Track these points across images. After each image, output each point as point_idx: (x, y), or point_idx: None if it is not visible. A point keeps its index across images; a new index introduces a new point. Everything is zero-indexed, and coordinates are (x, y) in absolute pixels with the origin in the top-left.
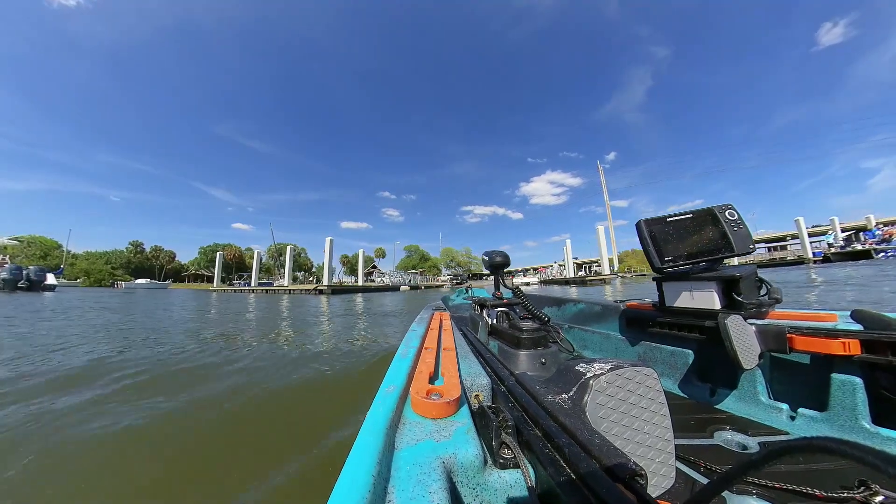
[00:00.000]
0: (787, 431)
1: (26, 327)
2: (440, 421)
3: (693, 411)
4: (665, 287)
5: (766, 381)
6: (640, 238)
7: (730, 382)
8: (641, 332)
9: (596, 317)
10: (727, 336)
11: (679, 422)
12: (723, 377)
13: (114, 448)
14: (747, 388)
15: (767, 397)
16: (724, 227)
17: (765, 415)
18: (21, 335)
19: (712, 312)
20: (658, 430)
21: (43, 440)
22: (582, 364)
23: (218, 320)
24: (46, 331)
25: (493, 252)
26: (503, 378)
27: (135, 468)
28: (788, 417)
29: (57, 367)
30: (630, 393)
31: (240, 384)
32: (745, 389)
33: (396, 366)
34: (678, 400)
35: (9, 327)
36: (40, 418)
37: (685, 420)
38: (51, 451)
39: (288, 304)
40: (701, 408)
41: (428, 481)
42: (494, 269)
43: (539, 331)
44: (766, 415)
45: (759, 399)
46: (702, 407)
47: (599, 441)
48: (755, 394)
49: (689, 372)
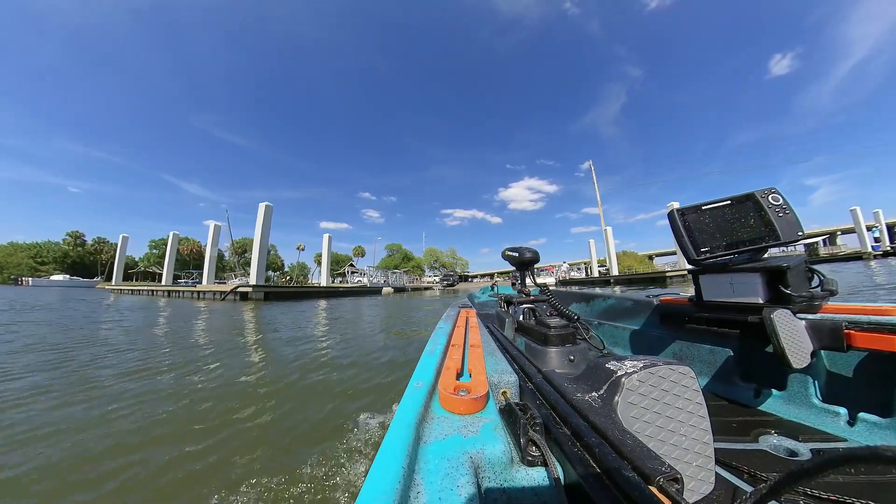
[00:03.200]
0: (845, 438)
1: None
2: (467, 417)
3: (735, 413)
4: (702, 280)
5: (819, 381)
6: (673, 228)
7: (777, 383)
8: (677, 328)
9: (627, 312)
10: (773, 332)
11: (719, 424)
12: (768, 377)
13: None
14: (797, 389)
15: (821, 400)
16: (767, 213)
17: (818, 419)
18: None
19: (756, 307)
20: (696, 433)
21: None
22: (612, 361)
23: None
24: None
25: (522, 248)
26: (530, 375)
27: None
28: (846, 423)
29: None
30: (664, 392)
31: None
32: (794, 391)
33: (425, 362)
34: (718, 401)
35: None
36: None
37: (726, 423)
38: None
39: (146, 316)
40: (744, 410)
41: (456, 475)
42: (523, 266)
43: (567, 327)
44: (819, 419)
45: (812, 402)
46: (745, 409)
47: (631, 442)
48: (806, 396)
49: (729, 371)
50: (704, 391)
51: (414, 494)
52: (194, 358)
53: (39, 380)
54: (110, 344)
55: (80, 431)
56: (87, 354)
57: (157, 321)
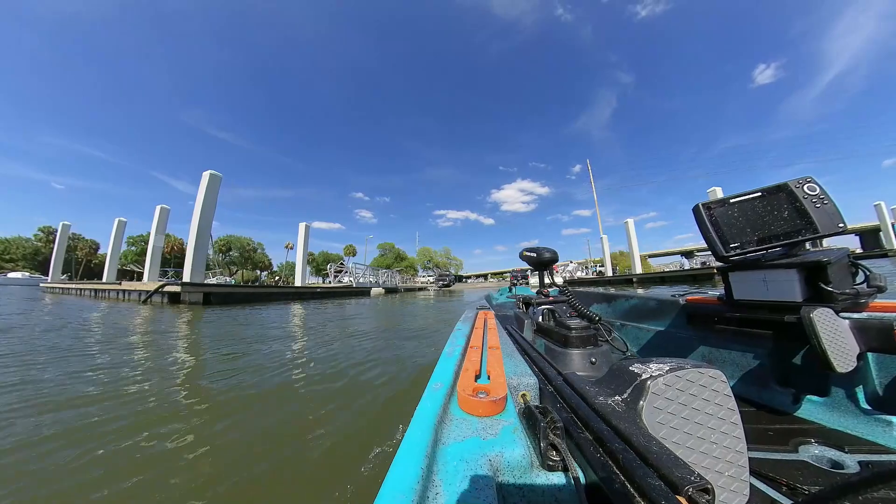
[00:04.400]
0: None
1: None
2: (486, 419)
3: (771, 421)
4: (732, 278)
5: (866, 387)
6: (699, 223)
7: (818, 388)
8: (706, 329)
9: (652, 313)
10: (813, 333)
11: (754, 432)
12: (808, 382)
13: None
14: (841, 395)
15: (869, 407)
16: (802, 204)
17: (865, 428)
18: None
19: (793, 305)
20: (727, 441)
21: None
22: (637, 364)
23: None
24: None
25: (541, 248)
26: (550, 378)
27: None
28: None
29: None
30: (693, 397)
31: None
32: (838, 397)
33: (443, 364)
34: (753, 407)
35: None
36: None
37: (762, 431)
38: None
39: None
40: (781, 417)
41: (475, 477)
42: (542, 266)
43: (588, 328)
44: (867, 428)
45: (858, 409)
46: (782, 416)
47: (657, 448)
48: (852, 402)
49: (764, 375)
50: (737, 396)
51: (432, 495)
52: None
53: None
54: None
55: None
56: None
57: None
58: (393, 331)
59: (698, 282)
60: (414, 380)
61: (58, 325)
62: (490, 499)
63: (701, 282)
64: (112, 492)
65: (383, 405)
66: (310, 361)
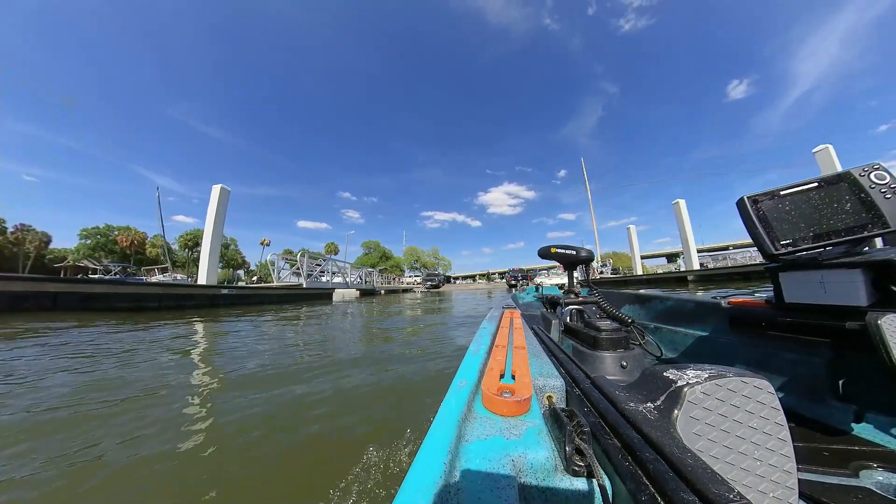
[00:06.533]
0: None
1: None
2: (510, 419)
3: (826, 440)
4: (783, 279)
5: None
6: (744, 218)
7: (885, 405)
8: (751, 334)
9: (689, 315)
10: (881, 341)
11: (805, 451)
12: (873, 398)
13: None
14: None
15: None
16: (868, 195)
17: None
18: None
19: (856, 310)
20: (774, 458)
21: None
22: (672, 370)
23: None
24: None
25: (578, 246)
26: (578, 380)
27: None
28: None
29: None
30: (735, 408)
31: None
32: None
33: (468, 362)
34: (804, 423)
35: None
36: None
37: (815, 450)
38: None
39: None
40: (838, 437)
41: (496, 476)
42: (573, 266)
43: (619, 330)
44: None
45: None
46: (839, 435)
47: (692, 461)
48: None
49: (819, 388)
50: (786, 410)
51: (454, 491)
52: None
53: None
54: None
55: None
56: None
57: None
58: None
59: (750, 280)
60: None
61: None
62: (511, 499)
63: (756, 281)
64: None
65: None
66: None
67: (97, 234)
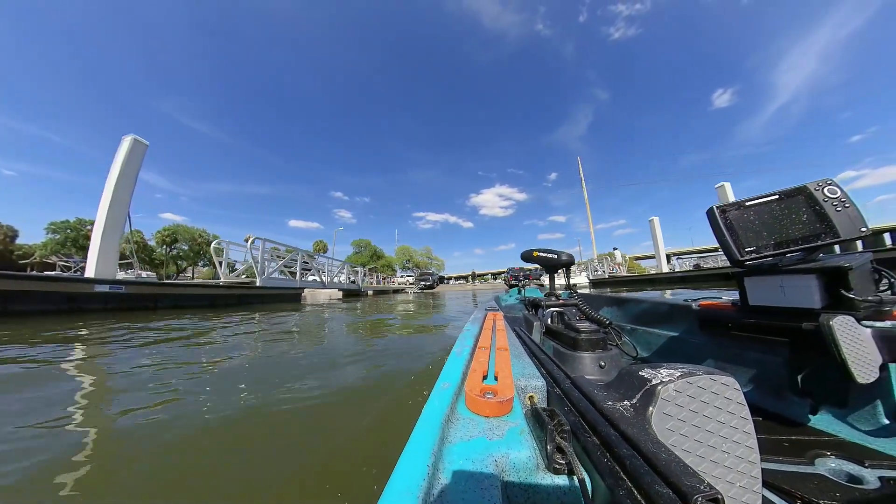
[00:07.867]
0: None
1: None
2: (493, 420)
3: (786, 431)
4: (748, 283)
5: (889, 399)
6: (713, 226)
7: (837, 399)
8: (719, 335)
9: (663, 317)
10: (833, 342)
11: (768, 443)
12: (827, 392)
13: None
14: (862, 406)
15: (890, 420)
16: (822, 208)
17: (887, 442)
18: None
19: (811, 312)
20: (739, 450)
21: None
22: (647, 369)
23: None
24: None
25: (558, 250)
26: (559, 380)
27: None
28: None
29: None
30: (705, 404)
31: None
32: (858, 409)
33: (452, 363)
34: (767, 417)
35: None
36: None
37: (776, 441)
38: None
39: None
40: (796, 428)
41: (480, 476)
42: (555, 269)
43: (598, 332)
44: (888, 442)
45: (880, 422)
46: (797, 427)
47: (666, 456)
48: (873, 415)
49: (779, 384)
50: (750, 405)
51: (438, 493)
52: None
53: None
54: None
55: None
56: None
57: None
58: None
59: (731, 280)
60: None
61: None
62: (495, 499)
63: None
64: None
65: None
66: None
67: (67, 228)
